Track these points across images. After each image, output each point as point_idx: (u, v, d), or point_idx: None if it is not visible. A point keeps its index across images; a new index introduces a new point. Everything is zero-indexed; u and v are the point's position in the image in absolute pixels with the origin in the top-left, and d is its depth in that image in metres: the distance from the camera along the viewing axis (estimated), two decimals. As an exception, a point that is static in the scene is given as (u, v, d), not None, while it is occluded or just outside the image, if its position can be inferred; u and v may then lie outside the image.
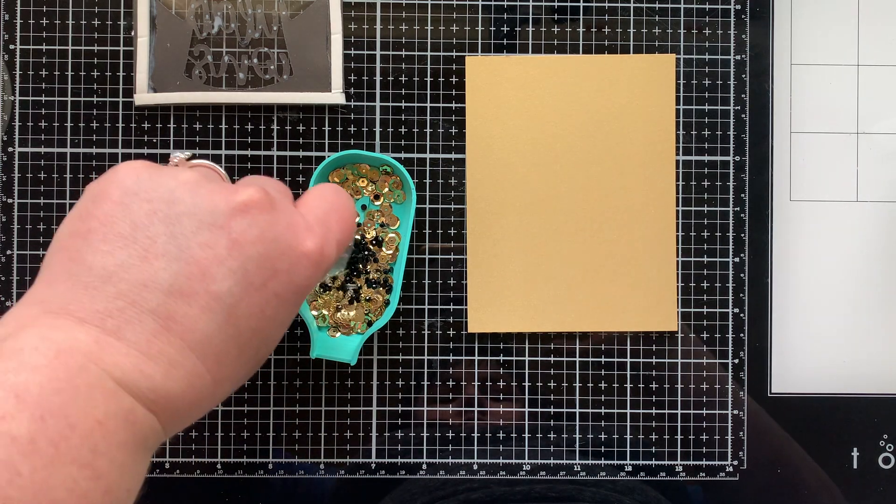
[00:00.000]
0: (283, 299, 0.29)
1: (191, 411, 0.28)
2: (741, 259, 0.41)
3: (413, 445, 0.41)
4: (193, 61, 0.40)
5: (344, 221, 0.32)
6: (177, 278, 0.26)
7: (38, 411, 0.23)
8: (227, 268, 0.27)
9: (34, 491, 0.22)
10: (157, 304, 0.26)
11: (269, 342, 0.29)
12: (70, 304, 0.26)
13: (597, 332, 0.41)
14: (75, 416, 0.23)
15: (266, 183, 0.31)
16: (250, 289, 0.27)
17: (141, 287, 0.26)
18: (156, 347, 0.26)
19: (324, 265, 0.30)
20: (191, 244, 0.27)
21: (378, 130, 0.41)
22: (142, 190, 0.27)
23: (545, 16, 0.41)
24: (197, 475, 0.41)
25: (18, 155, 0.40)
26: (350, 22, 0.41)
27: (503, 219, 0.40)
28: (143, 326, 0.26)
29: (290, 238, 0.29)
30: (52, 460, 0.23)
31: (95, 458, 0.24)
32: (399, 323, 0.41)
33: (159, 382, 0.26)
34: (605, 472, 0.41)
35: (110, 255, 0.26)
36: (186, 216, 0.27)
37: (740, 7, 0.41)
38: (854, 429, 0.41)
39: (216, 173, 0.31)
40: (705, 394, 0.41)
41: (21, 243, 0.40)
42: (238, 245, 0.27)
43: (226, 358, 0.28)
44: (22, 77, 0.40)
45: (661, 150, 0.41)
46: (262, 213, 0.28)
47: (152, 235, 0.27)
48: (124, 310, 0.26)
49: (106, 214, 0.27)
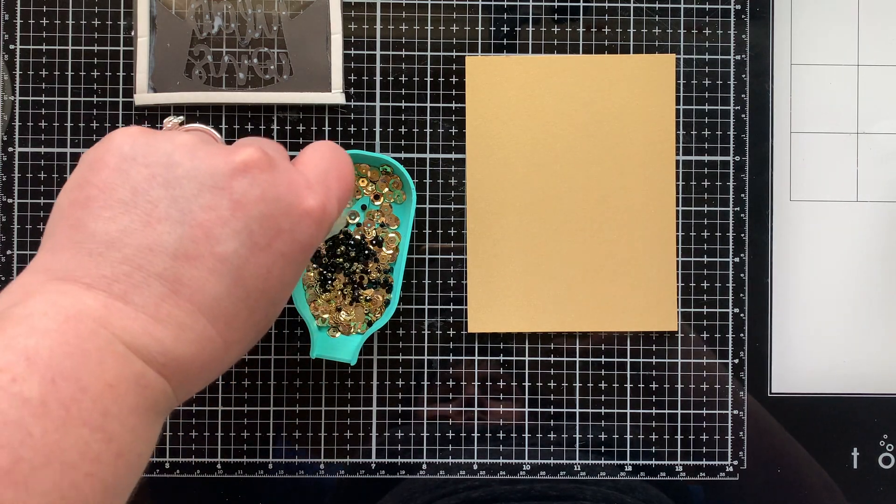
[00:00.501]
0: (289, 259, 0.28)
1: (201, 375, 0.27)
2: (741, 259, 0.41)
3: (413, 445, 0.41)
4: (193, 61, 0.40)
5: (343, 179, 0.31)
6: (181, 241, 0.26)
7: (49, 374, 0.23)
8: (231, 229, 0.27)
9: (46, 452, 0.22)
10: (164, 268, 0.26)
11: (277, 303, 0.29)
12: (76, 270, 0.26)
13: (597, 332, 0.41)
14: (86, 380, 0.23)
15: (263, 143, 0.30)
16: (256, 249, 0.27)
17: (146, 251, 0.26)
18: (164, 311, 0.26)
19: (326, 223, 0.30)
20: (193, 207, 0.27)
21: (378, 130, 0.41)
22: (139, 155, 0.27)
23: (545, 16, 0.41)
24: (197, 475, 0.41)
25: (18, 155, 0.40)
26: (350, 22, 0.41)
27: (503, 219, 0.40)
28: (150, 290, 0.26)
29: (291, 197, 0.28)
30: (63, 422, 0.23)
31: (107, 421, 0.24)
32: (399, 323, 0.41)
33: (169, 346, 0.26)
34: (605, 472, 0.41)
35: (112, 221, 0.26)
36: (186, 179, 0.27)
37: (740, 7, 0.41)
38: (854, 429, 0.41)
39: (210, 136, 0.31)
40: (705, 394, 0.41)
41: (21, 243, 0.40)
42: (241, 205, 0.27)
43: (236, 320, 0.28)
44: (22, 77, 0.40)
45: (661, 150, 0.41)
46: (263, 173, 0.28)
47: (153, 200, 0.26)
48: (131, 274, 0.26)
49: (104, 181, 0.27)
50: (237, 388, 0.41)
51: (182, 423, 0.40)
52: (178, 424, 0.40)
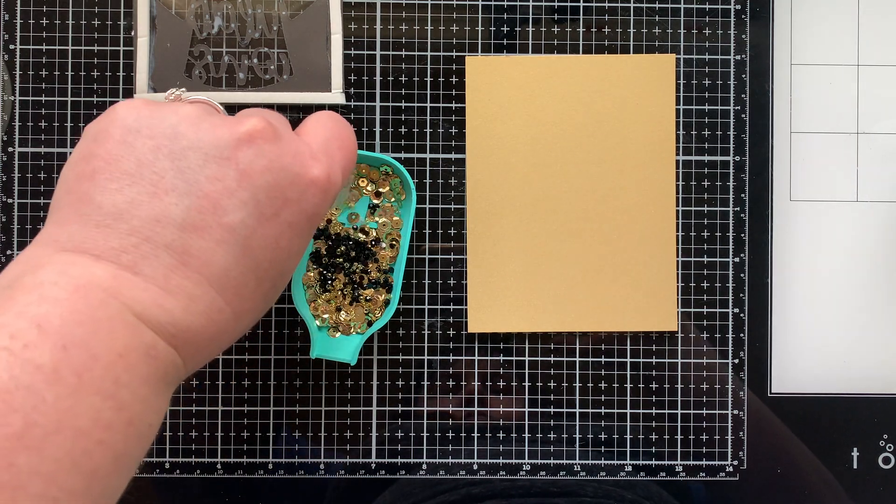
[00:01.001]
0: (296, 229, 0.28)
1: (211, 345, 0.28)
2: (741, 259, 0.41)
3: (413, 445, 0.41)
4: (193, 61, 0.40)
5: (346, 148, 0.31)
6: (189, 213, 0.26)
7: (61, 341, 0.23)
8: (238, 199, 0.27)
9: (58, 418, 0.22)
10: (172, 239, 0.26)
11: (285, 273, 0.29)
12: (84, 242, 0.25)
13: (597, 331, 0.41)
14: (97, 348, 0.23)
15: (266, 113, 0.30)
16: (263, 219, 0.27)
17: (154, 223, 0.26)
18: (174, 282, 0.26)
19: (331, 192, 0.30)
20: (199, 178, 0.27)
21: (378, 130, 0.41)
22: (143, 127, 0.27)
23: (545, 16, 0.41)
24: (197, 475, 0.41)
25: (18, 155, 0.40)
26: (350, 22, 0.41)
27: (503, 219, 0.40)
28: (159, 261, 0.26)
29: (297, 167, 0.28)
30: (75, 389, 0.23)
31: (118, 389, 0.24)
32: (399, 323, 0.41)
33: (179, 317, 0.26)
34: (605, 472, 0.41)
35: (119, 193, 0.26)
36: (192, 150, 0.27)
37: (740, 7, 0.41)
38: (854, 429, 0.41)
39: (214, 108, 0.31)
40: (705, 393, 0.41)
41: (21, 243, 0.40)
42: (247, 176, 0.27)
43: (245, 290, 0.28)
44: (22, 77, 0.40)
45: (661, 150, 0.41)
46: (268, 143, 0.28)
47: (159, 171, 0.26)
48: (139, 245, 0.26)
49: (109, 153, 0.27)
50: (237, 388, 0.41)
51: (182, 423, 0.40)
52: (178, 424, 0.40)
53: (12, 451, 0.21)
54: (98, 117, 0.28)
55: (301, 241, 0.29)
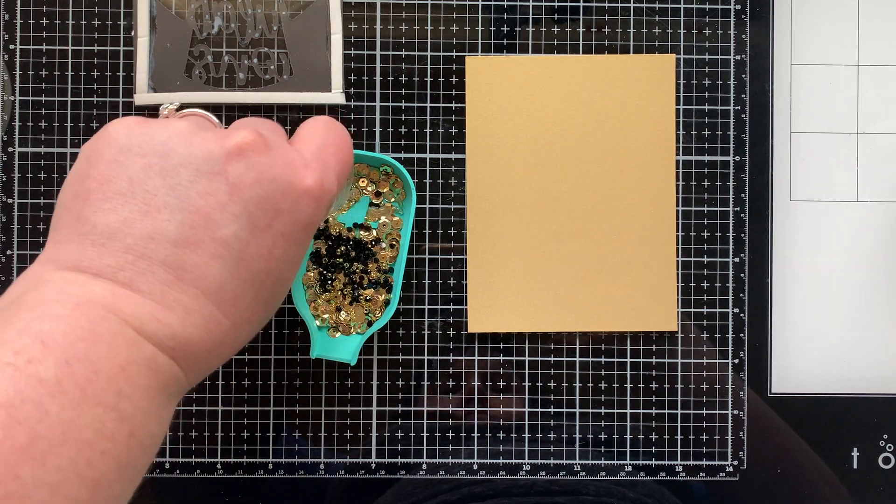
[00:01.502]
0: (290, 239, 0.29)
1: (211, 356, 0.28)
2: (741, 259, 0.41)
3: (413, 445, 0.41)
4: (193, 61, 0.40)
5: (341, 154, 0.32)
6: (181, 228, 0.27)
7: (64, 356, 0.24)
8: (229, 213, 0.27)
9: (62, 430, 0.23)
10: (167, 255, 0.26)
11: (283, 282, 0.30)
12: (82, 261, 0.26)
13: (597, 331, 0.41)
14: (99, 362, 0.24)
15: (258, 124, 0.30)
16: (256, 231, 0.28)
17: (148, 240, 0.26)
18: (170, 296, 0.26)
19: (325, 200, 0.30)
20: (190, 194, 0.27)
21: (378, 130, 0.41)
22: (134, 146, 0.27)
23: (545, 16, 0.41)
24: (197, 475, 0.41)
25: (18, 155, 0.40)
26: (350, 22, 0.41)
27: (503, 219, 0.40)
28: (155, 277, 0.26)
29: (288, 176, 0.28)
30: (79, 402, 0.23)
31: (120, 401, 0.24)
32: (399, 323, 0.41)
33: (177, 330, 0.26)
34: (605, 472, 0.41)
35: (113, 213, 0.27)
36: (182, 167, 0.27)
37: (740, 7, 0.41)
38: (854, 429, 0.41)
39: (208, 121, 0.31)
40: (705, 393, 0.41)
41: (21, 243, 0.40)
42: (237, 189, 0.27)
43: (242, 302, 0.28)
44: (22, 77, 0.40)
45: (661, 150, 0.41)
46: (258, 155, 0.28)
47: (151, 189, 0.27)
48: (134, 262, 0.26)
49: (102, 174, 0.27)
50: (237, 388, 0.41)
51: (182, 423, 0.40)
52: (178, 424, 0.40)
53: (18, 463, 0.22)
54: (92, 137, 0.29)
55: (297, 249, 0.29)
